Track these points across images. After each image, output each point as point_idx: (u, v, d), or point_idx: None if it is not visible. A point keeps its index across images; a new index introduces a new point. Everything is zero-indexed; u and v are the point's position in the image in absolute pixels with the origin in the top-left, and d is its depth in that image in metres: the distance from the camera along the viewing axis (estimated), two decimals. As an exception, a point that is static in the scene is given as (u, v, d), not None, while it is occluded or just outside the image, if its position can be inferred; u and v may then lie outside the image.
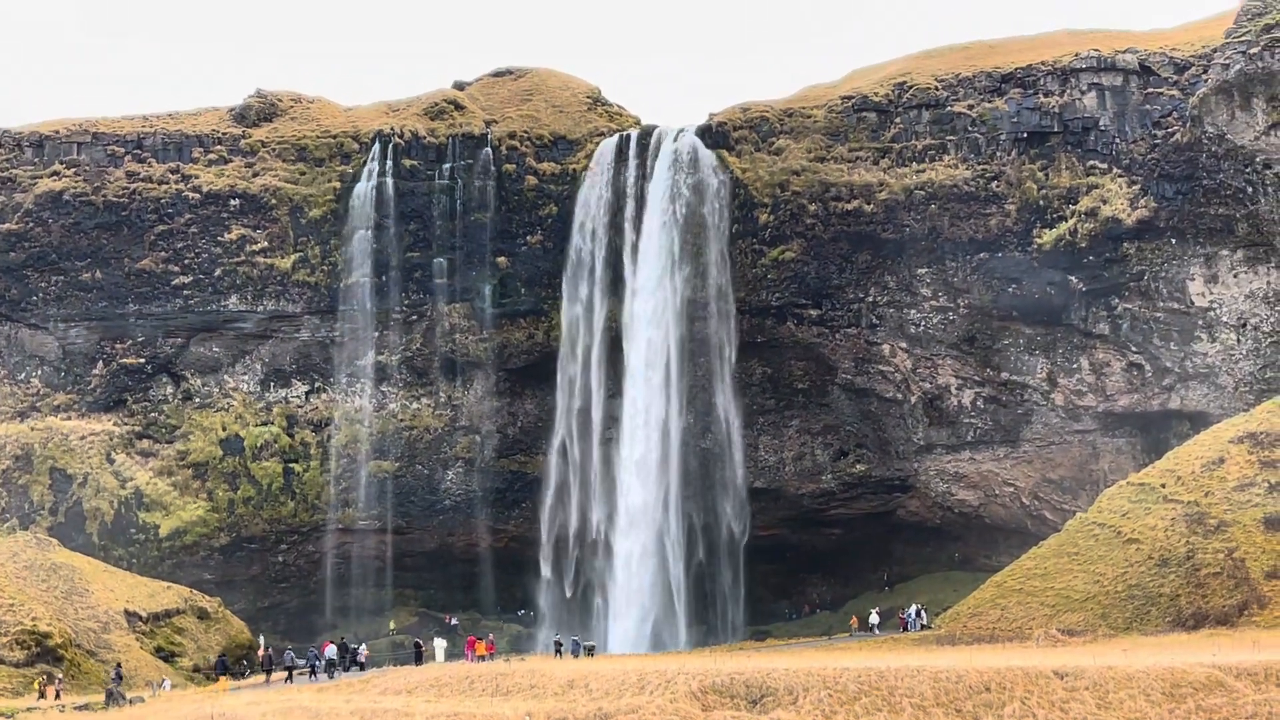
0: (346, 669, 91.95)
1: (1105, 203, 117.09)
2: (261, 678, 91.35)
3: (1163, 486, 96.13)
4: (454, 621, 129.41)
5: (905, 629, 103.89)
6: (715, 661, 69.47)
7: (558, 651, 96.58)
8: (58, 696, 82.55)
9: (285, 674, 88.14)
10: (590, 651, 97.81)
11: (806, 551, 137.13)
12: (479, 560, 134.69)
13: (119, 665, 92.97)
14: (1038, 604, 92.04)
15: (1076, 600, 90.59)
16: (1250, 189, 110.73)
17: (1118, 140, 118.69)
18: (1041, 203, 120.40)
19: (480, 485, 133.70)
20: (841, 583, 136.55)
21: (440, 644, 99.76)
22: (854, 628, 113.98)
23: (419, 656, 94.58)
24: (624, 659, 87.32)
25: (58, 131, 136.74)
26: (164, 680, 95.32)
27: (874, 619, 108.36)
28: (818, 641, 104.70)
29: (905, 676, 57.88)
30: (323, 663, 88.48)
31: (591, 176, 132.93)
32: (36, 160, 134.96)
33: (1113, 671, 58.71)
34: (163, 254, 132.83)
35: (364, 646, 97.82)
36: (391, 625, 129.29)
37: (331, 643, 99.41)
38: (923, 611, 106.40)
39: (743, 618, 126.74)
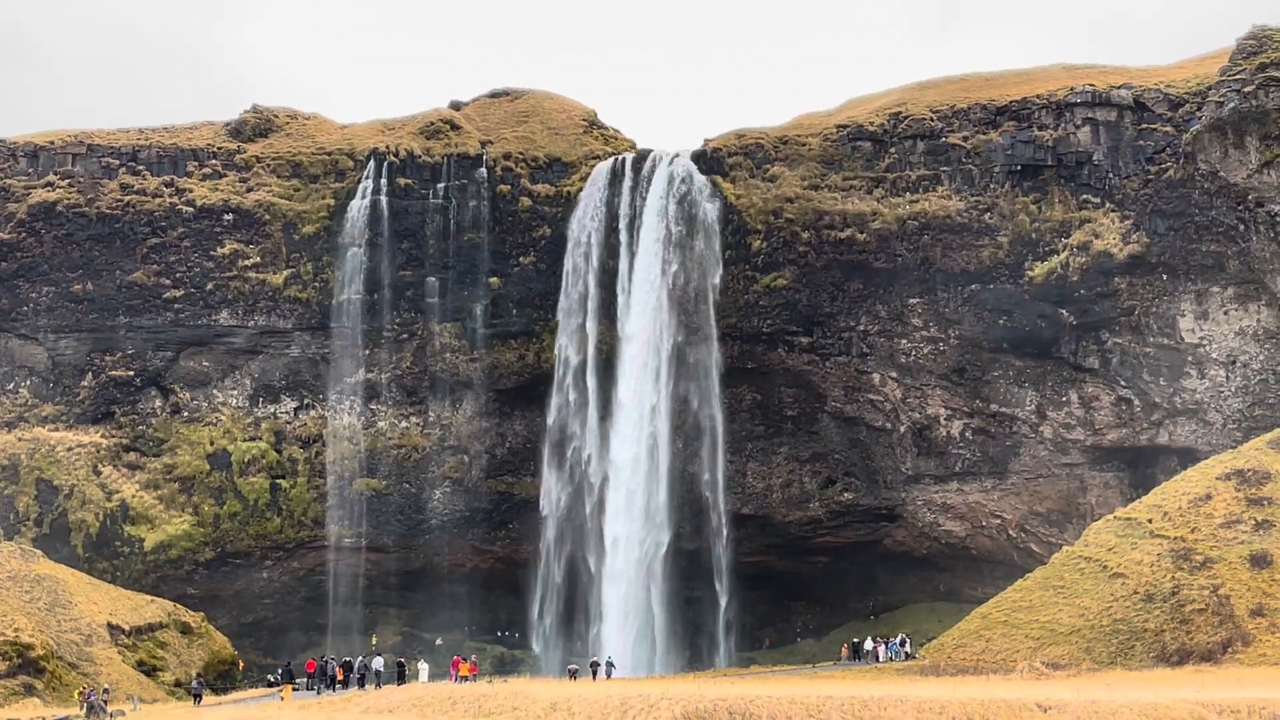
0: (331, 686, 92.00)
1: (1097, 237, 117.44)
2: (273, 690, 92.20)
3: (1149, 522, 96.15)
4: (439, 642, 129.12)
5: (877, 659, 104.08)
6: (699, 687, 69.22)
7: (593, 673, 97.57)
8: (105, 705, 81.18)
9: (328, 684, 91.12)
10: (574, 675, 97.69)
11: (793, 579, 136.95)
12: (464, 580, 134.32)
13: (197, 677, 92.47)
14: (1022, 636, 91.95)
15: (1061, 634, 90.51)
16: (1242, 226, 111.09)
17: (1111, 175, 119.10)
18: (1034, 235, 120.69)
19: (468, 505, 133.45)
20: (828, 611, 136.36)
21: (423, 665, 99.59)
22: (843, 656, 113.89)
23: (401, 676, 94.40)
24: (608, 683, 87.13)
25: (53, 142, 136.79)
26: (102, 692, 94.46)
27: (870, 645, 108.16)
28: (802, 669, 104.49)
29: (888, 706, 57.66)
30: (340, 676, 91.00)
31: (586, 199, 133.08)
32: (31, 170, 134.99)
33: (1096, 706, 58.50)
34: (154, 267, 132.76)
35: (379, 660, 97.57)
36: (374, 642, 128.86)
37: (315, 661, 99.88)
38: (907, 641, 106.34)
39: (728, 644, 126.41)
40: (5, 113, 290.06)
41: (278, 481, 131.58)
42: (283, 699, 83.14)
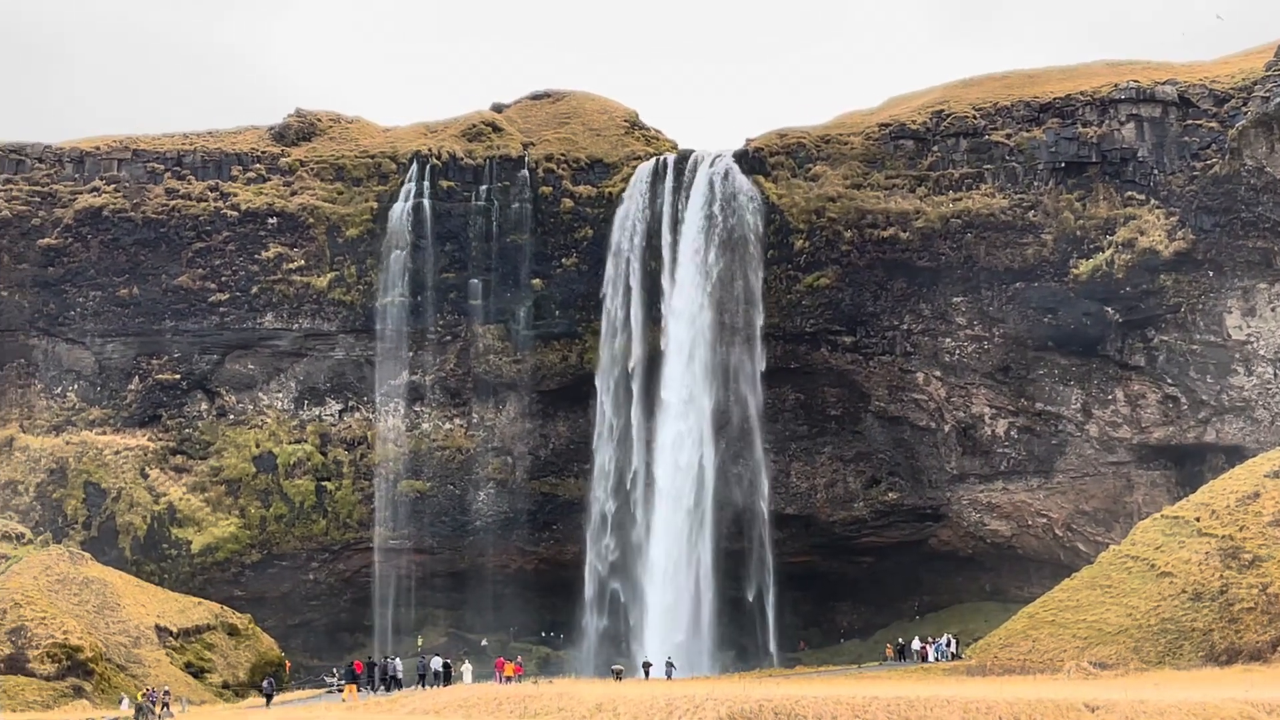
0: (375, 689, 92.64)
1: (1143, 234, 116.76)
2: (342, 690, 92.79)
3: (1197, 520, 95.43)
4: (484, 643, 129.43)
5: (924, 659, 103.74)
6: (744, 688, 69.15)
7: (645, 672, 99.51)
8: (166, 708, 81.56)
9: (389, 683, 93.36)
10: (619, 675, 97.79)
11: (837, 579, 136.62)
12: (509, 581, 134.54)
13: (269, 679, 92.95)
14: (1069, 636, 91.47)
15: (1109, 633, 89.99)
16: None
17: (1156, 171, 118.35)
18: (1078, 233, 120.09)
19: (512, 506, 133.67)
20: (872, 611, 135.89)
21: (467, 666, 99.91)
22: (888, 656, 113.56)
23: (447, 677, 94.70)
24: (653, 684, 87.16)
25: (99, 148, 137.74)
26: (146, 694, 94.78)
27: (917, 645, 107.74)
28: (848, 669, 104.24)
29: (935, 706, 57.46)
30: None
31: (628, 200, 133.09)
32: (77, 176, 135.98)
33: (1144, 706, 58.17)
34: (200, 271, 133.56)
35: (438, 660, 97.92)
36: (420, 643, 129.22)
37: (362, 662, 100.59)
38: (953, 641, 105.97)
39: (773, 644, 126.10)
40: (50, 119, 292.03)
41: (323, 484, 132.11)
42: (345, 699, 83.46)
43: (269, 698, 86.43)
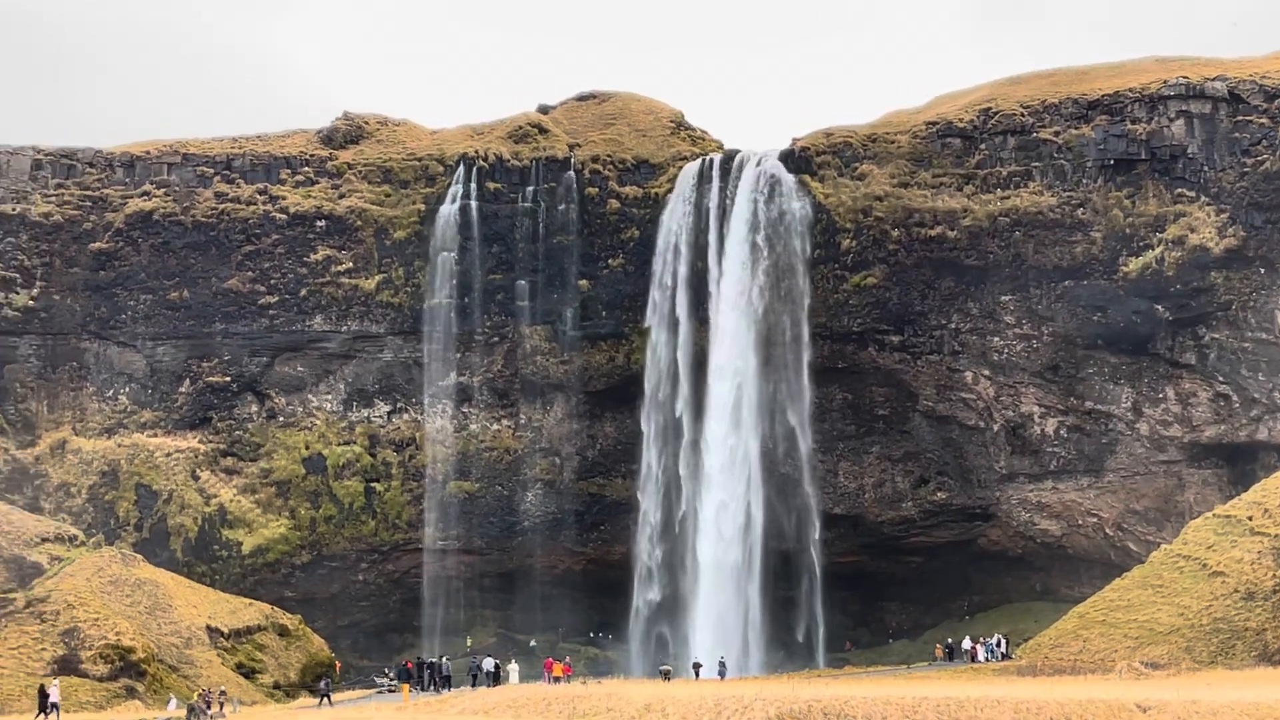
0: (425, 688, 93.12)
1: (1193, 231, 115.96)
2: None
3: (1249, 519, 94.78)
4: (533, 643, 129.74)
5: (974, 659, 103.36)
6: (793, 688, 69.05)
7: (696, 673, 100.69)
8: (221, 708, 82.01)
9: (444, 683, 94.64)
10: (667, 676, 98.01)
11: (885, 579, 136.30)
12: (557, 582, 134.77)
13: (325, 679, 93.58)
14: (1120, 636, 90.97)
15: (1160, 633, 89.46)
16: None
17: (1206, 168, 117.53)
18: (1128, 230, 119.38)
19: (559, 507, 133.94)
20: (921, 611, 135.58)
21: (514, 666, 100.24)
22: (938, 656, 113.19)
23: (497, 677, 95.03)
24: (701, 684, 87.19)
25: (148, 152, 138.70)
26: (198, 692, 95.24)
27: (968, 645, 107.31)
28: (897, 670, 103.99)
29: (985, 707, 57.23)
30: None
31: (674, 200, 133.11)
32: (127, 180, 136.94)
33: (1197, 706, 57.73)
34: (249, 274, 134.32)
35: (490, 660, 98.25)
36: (469, 643, 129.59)
37: (411, 661, 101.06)
38: (1003, 641, 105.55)
39: (821, 645, 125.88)
40: (101, 123, 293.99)
41: (372, 485, 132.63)
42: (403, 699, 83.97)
43: (326, 697, 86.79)
